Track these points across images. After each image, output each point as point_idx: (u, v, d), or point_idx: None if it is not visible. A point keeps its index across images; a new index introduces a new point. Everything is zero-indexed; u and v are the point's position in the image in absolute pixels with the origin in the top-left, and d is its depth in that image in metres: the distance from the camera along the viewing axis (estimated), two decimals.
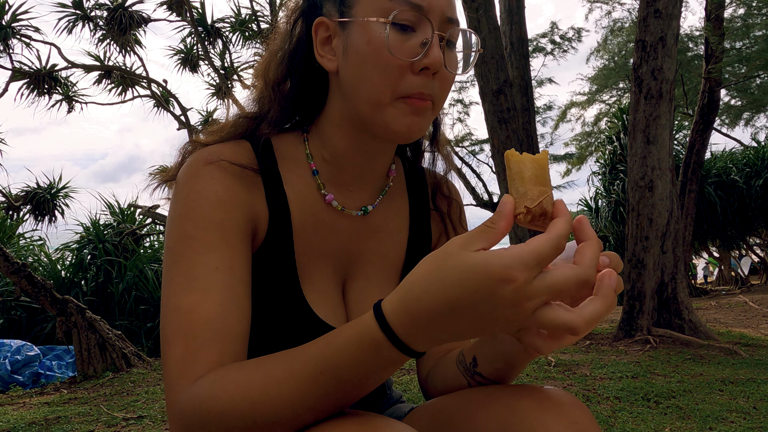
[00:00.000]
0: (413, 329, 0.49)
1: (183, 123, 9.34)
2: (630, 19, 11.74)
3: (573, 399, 0.61)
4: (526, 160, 0.52)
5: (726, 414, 2.67)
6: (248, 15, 8.95)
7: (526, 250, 0.45)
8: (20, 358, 4.39)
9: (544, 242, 0.46)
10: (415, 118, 0.68)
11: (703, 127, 9.13)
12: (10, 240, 7.31)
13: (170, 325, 0.61)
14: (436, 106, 0.71)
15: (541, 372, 3.63)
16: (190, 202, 0.66)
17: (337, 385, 0.53)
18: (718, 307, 8.07)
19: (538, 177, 0.51)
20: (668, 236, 4.76)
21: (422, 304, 0.48)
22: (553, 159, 14.38)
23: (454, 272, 0.46)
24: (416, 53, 0.66)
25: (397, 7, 0.65)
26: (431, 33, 0.66)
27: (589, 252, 0.49)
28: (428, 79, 0.67)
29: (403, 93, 0.67)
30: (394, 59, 0.65)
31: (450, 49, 0.70)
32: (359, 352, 0.51)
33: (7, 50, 8.00)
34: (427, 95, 0.67)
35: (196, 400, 0.55)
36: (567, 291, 0.46)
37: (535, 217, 0.51)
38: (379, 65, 0.66)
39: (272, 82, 0.76)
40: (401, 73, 0.66)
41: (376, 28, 0.66)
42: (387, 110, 0.68)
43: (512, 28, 6.09)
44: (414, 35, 0.66)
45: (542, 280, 0.45)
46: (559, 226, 0.48)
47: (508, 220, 0.49)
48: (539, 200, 0.50)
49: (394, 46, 0.65)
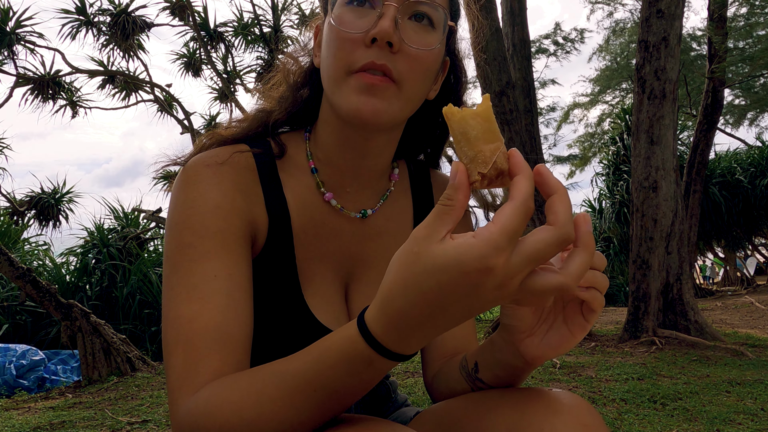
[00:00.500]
0: (400, 338, 0.48)
1: (186, 127, 9.37)
2: (632, 20, 11.73)
3: (582, 401, 0.60)
4: (467, 116, 0.47)
5: (733, 416, 2.65)
6: (250, 19, 8.98)
7: (495, 230, 0.43)
8: (25, 363, 4.40)
9: (511, 214, 0.43)
10: (368, 98, 0.65)
11: (707, 127, 9.10)
12: (15, 245, 7.34)
13: (171, 335, 0.61)
14: (402, 88, 0.67)
15: (546, 374, 3.61)
16: (188, 209, 0.66)
17: (331, 398, 0.52)
18: (724, 307, 8.03)
19: (486, 133, 0.46)
20: (673, 237, 4.74)
21: (405, 313, 0.46)
22: (556, 160, 14.35)
23: (429, 276, 0.44)
24: (367, 27, 0.65)
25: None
26: (382, 5, 0.65)
27: (561, 206, 0.45)
28: (381, 50, 0.65)
29: (354, 67, 0.66)
30: (345, 33, 0.66)
31: (419, 25, 0.67)
32: (351, 367, 0.50)
33: (11, 56, 8.05)
34: (380, 65, 0.65)
35: (193, 417, 0.55)
36: (548, 255, 0.44)
37: (492, 180, 0.47)
38: (333, 43, 0.67)
39: (294, 85, 0.79)
40: (353, 47, 0.66)
41: (335, 11, 0.68)
42: (341, 88, 0.67)
43: (514, 30, 6.09)
44: (372, 11, 0.66)
45: (520, 253, 0.43)
46: (521, 187, 0.45)
47: (464, 190, 0.46)
48: (492, 160, 0.46)
49: (345, 22, 0.66)
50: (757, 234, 12.90)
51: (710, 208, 11.17)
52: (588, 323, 0.58)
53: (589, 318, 0.57)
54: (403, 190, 0.85)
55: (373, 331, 0.49)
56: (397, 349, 0.49)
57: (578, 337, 0.58)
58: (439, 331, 0.48)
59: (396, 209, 0.83)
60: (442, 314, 0.46)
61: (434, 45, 0.68)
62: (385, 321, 0.48)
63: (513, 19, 6.10)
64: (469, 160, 0.46)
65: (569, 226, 0.45)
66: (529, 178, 0.45)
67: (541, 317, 0.60)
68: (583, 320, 0.57)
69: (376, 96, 0.66)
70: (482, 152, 0.46)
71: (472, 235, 0.44)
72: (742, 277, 13.96)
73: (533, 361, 0.62)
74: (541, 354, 0.60)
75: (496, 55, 5.46)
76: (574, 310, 0.58)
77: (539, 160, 5.71)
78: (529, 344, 0.60)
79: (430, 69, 0.70)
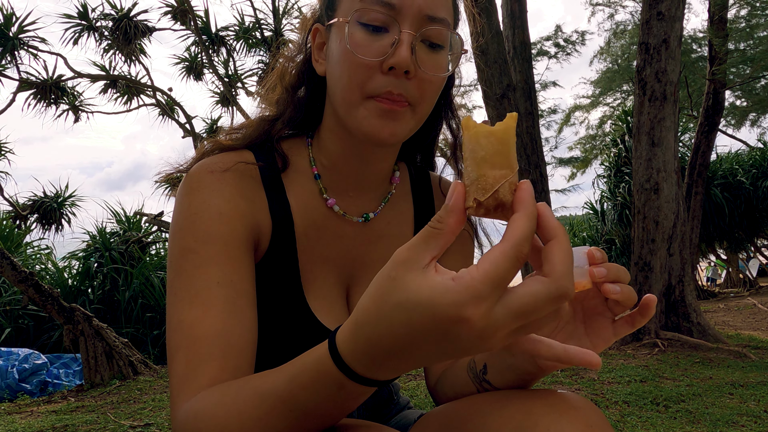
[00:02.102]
0: (371, 364, 0.46)
1: (188, 131, 9.39)
2: (633, 22, 11.74)
3: (587, 402, 0.60)
4: (480, 133, 0.41)
5: (736, 418, 2.64)
6: (252, 23, 9.01)
7: (477, 276, 0.38)
8: (28, 367, 4.40)
9: (499, 258, 0.39)
10: (386, 122, 0.66)
11: (708, 129, 9.09)
12: (18, 249, 7.35)
13: (173, 340, 0.62)
14: (416, 110, 0.68)
15: (549, 376, 3.61)
16: (191, 215, 0.66)
17: (307, 418, 0.52)
18: (727, 309, 8.00)
19: (495, 156, 0.40)
20: (675, 239, 4.74)
21: (374, 343, 0.44)
22: (558, 162, 14.34)
23: (400, 311, 0.41)
24: (383, 53, 0.65)
25: (367, 6, 0.65)
26: (399, 32, 0.65)
27: (559, 255, 0.40)
28: (398, 79, 0.65)
29: (371, 93, 0.66)
30: (358, 59, 0.65)
31: (432, 50, 0.68)
32: (323, 389, 0.50)
33: (14, 61, 8.08)
34: (397, 95, 0.65)
35: (188, 424, 0.56)
36: (539, 312, 0.40)
37: (489, 210, 0.41)
38: (347, 65, 0.66)
39: (289, 87, 0.79)
40: (368, 72, 0.66)
41: (347, 29, 0.66)
42: (358, 110, 0.67)
43: (515, 33, 6.10)
44: (386, 35, 0.66)
45: (506, 306, 0.39)
46: (518, 227, 0.40)
47: (458, 216, 0.41)
48: (493, 189, 0.40)
49: (360, 46, 0.65)
50: (759, 236, 12.86)
51: (712, 209, 11.15)
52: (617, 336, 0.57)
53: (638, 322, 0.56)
54: (404, 193, 0.85)
55: (342, 355, 0.47)
56: (368, 375, 0.47)
57: (599, 349, 0.58)
58: (412, 365, 0.46)
59: (397, 212, 0.83)
60: (412, 351, 0.43)
61: (446, 68, 0.70)
62: (353, 345, 0.46)
63: (513, 22, 6.11)
64: (470, 182, 0.41)
65: (567, 280, 0.40)
66: (530, 219, 0.40)
67: (559, 325, 0.60)
68: (610, 334, 0.57)
69: (395, 120, 0.67)
70: (485, 177, 0.41)
71: (452, 277, 0.40)
72: (744, 278, 13.92)
73: (547, 369, 0.62)
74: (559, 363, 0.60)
75: (496, 58, 5.47)
76: (600, 324, 0.57)
77: (540, 163, 5.71)
78: None
79: (441, 87, 0.72)
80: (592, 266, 0.55)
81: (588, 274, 0.54)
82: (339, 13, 0.69)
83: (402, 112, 0.67)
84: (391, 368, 0.46)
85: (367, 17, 0.66)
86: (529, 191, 0.41)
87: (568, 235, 0.43)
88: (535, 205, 0.41)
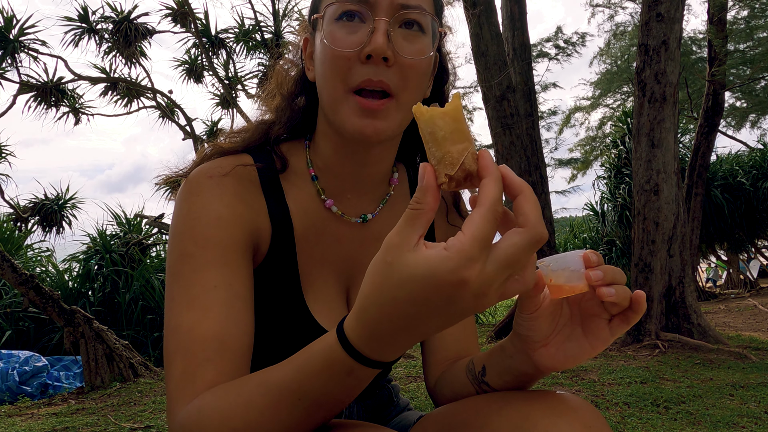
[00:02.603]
0: (378, 346, 0.48)
1: (188, 133, 9.40)
2: (633, 23, 11.75)
3: (586, 403, 0.60)
4: (435, 116, 0.45)
5: (737, 419, 2.64)
6: (252, 26, 9.02)
7: (466, 241, 0.42)
8: (28, 369, 4.40)
9: (480, 221, 0.43)
10: (368, 120, 0.67)
11: (708, 130, 9.09)
12: (18, 251, 7.35)
13: (171, 343, 0.62)
14: (400, 99, 0.68)
15: (549, 378, 3.60)
16: (190, 220, 0.67)
17: (315, 406, 0.53)
18: (727, 310, 8.00)
19: (454, 133, 0.45)
20: (675, 240, 4.74)
21: (380, 323, 0.47)
22: (558, 164, 14.33)
23: (401, 287, 0.44)
24: (360, 43, 0.66)
25: (341, 1, 0.67)
26: (373, 21, 0.66)
27: (528, 206, 0.45)
28: (378, 67, 0.66)
29: (353, 83, 0.67)
30: (338, 51, 0.66)
31: (411, 34, 0.68)
32: (332, 376, 0.51)
33: (14, 64, 8.10)
34: (377, 81, 0.66)
35: (187, 426, 0.56)
36: (523, 259, 0.44)
37: (460, 182, 0.45)
38: (327, 61, 0.67)
39: (288, 96, 0.79)
40: (348, 64, 0.66)
41: (326, 28, 0.68)
42: (341, 107, 0.68)
43: (514, 34, 6.11)
44: (362, 26, 0.67)
45: (494, 261, 0.43)
46: (488, 191, 0.44)
47: (433, 193, 0.45)
48: (459, 162, 0.44)
49: (338, 39, 0.66)
50: (759, 236, 12.85)
51: (712, 210, 11.14)
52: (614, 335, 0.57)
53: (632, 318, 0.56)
54: (402, 194, 0.86)
55: (351, 340, 0.49)
56: (376, 357, 0.49)
57: (598, 349, 0.58)
58: (417, 338, 0.48)
59: (395, 213, 0.83)
60: (417, 324, 0.46)
61: (427, 52, 0.69)
62: (361, 330, 0.48)
63: (513, 24, 6.12)
64: (437, 161, 0.45)
65: (540, 225, 0.44)
66: (497, 181, 0.45)
67: (557, 328, 0.60)
68: (607, 334, 0.57)
69: (377, 118, 0.67)
70: (450, 153, 0.45)
71: (443, 247, 0.43)
72: (745, 279, 13.90)
73: (546, 370, 0.62)
74: (556, 364, 0.60)
75: (496, 60, 5.47)
76: (598, 325, 0.58)
77: (540, 164, 5.71)
78: (544, 354, 0.61)
79: (425, 74, 0.71)
80: (588, 269, 0.55)
81: (584, 278, 0.55)
82: (320, 16, 0.70)
83: (384, 109, 0.67)
84: (399, 345, 0.49)
85: (341, 11, 0.67)
86: (490, 158, 0.45)
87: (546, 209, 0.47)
88: (498, 169, 0.45)
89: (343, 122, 0.68)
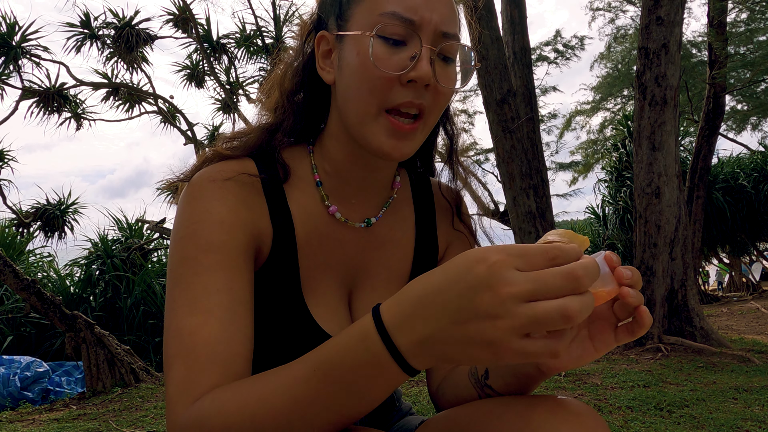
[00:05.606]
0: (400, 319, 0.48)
1: (189, 138, 9.42)
2: (633, 27, 11.77)
3: (588, 408, 0.60)
4: None
5: (741, 423, 2.62)
6: (253, 31, 9.06)
7: (511, 244, 0.45)
8: (30, 375, 4.40)
9: (534, 245, 0.45)
10: (397, 142, 0.68)
11: (709, 133, 9.10)
12: (20, 256, 7.36)
13: (172, 347, 0.61)
14: (427, 122, 0.70)
15: (551, 382, 3.59)
16: (192, 224, 0.67)
17: (333, 390, 0.52)
18: (730, 313, 7.98)
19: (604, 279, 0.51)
20: (677, 243, 4.73)
21: (408, 293, 0.49)
22: (559, 167, 14.34)
23: (441, 266, 0.47)
24: (404, 67, 0.66)
25: (387, 20, 0.66)
26: (420, 47, 0.66)
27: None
28: (418, 91, 0.67)
29: (391, 103, 0.67)
30: (379, 72, 0.66)
31: (446, 63, 0.70)
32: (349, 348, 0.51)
33: (17, 70, 8.13)
34: (417, 104, 0.67)
35: (197, 418, 0.55)
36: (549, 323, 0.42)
37: None
38: (365, 78, 0.67)
39: (287, 92, 0.79)
40: (388, 86, 0.67)
41: (365, 42, 0.67)
42: (371, 125, 0.68)
43: (515, 38, 6.12)
44: (404, 49, 0.67)
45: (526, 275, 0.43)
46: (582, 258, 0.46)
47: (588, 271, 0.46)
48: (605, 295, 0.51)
49: (381, 59, 0.66)
50: (761, 239, 12.83)
51: (714, 213, 11.13)
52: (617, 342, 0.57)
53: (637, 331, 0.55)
54: (405, 198, 0.86)
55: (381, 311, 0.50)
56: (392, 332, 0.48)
57: (601, 352, 0.58)
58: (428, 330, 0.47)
59: (398, 218, 0.84)
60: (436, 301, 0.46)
61: (456, 81, 0.72)
62: (392, 301, 0.50)
63: (513, 28, 6.14)
64: None
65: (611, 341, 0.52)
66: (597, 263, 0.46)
67: None
68: (612, 339, 0.56)
69: (406, 140, 0.69)
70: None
71: None
72: (747, 282, 13.86)
73: (548, 372, 0.62)
74: (559, 366, 0.60)
75: (496, 64, 5.49)
76: (603, 329, 0.57)
77: (541, 168, 5.71)
78: None
79: (450, 99, 0.73)
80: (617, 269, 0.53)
81: (614, 280, 0.52)
82: (353, 24, 0.70)
83: (410, 133, 0.69)
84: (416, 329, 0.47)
85: (387, 31, 0.67)
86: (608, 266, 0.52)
87: None
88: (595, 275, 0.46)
89: (368, 139, 0.69)
